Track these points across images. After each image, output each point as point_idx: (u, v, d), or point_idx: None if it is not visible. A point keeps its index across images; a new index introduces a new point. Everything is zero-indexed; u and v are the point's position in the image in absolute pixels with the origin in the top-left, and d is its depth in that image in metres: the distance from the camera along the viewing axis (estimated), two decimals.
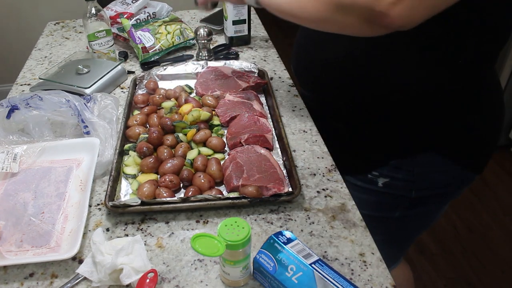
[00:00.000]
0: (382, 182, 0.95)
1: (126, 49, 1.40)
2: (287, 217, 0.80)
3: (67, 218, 0.80)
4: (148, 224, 0.80)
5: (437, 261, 1.87)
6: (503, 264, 1.85)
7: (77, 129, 0.99)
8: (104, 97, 1.05)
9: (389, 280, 0.69)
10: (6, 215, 0.80)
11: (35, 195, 0.84)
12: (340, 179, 0.89)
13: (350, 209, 0.82)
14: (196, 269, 0.71)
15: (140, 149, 0.91)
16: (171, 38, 1.35)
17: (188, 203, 0.79)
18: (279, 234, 0.67)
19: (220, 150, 0.95)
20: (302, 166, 0.92)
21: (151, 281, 0.65)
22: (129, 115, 1.04)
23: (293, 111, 1.09)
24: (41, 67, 1.34)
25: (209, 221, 0.80)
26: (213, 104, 1.08)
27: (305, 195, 0.85)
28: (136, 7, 1.47)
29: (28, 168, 0.90)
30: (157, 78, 1.21)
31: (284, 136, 0.94)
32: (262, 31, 1.53)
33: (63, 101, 0.96)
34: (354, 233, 0.77)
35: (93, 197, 0.86)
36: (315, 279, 0.61)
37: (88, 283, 0.69)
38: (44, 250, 0.74)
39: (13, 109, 0.95)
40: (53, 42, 1.49)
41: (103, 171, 0.91)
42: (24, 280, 0.71)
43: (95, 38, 1.24)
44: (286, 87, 1.19)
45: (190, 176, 0.86)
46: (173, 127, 0.96)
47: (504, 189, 2.23)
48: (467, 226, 2.03)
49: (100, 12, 1.23)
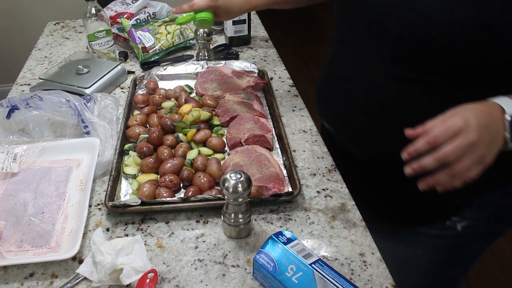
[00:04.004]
0: (462, 226, 0.85)
1: (126, 49, 1.40)
2: (287, 217, 0.80)
3: (67, 218, 0.80)
4: (148, 224, 0.80)
5: None
6: (503, 264, 1.85)
7: (77, 129, 0.99)
8: (104, 97, 1.05)
9: (389, 280, 0.69)
10: (6, 215, 0.80)
11: (35, 195, 0.84)
12: (340, 179, 0.89)
13: (350, 209, 0.82)
14: (196, 269, 0.71)
15: (140, 149, 0.91)
16: (171, 38, 1.35)
17: (188, 203, 0.79)
18: (279, 234, 0.67)
19: (220, 150, 0.95)
20: (302, 166, 0.92)
21: (151, 281, 0.65)
22: (129, 115, 1.04)
23: (293, 111, 1.09)
24: (41, 67, 1.34)
25: (209, 221, 0.80)
26: (213, 104, 1.08)
27: (305, 195, 0.85)
28: (136, 7, 1.47)
29: (28, 168, 0.90)
30: (157, 78, 1.21)
31: (284, 136, 0.94)
32: (262, 31, 1.53)
33: (63, 101, 0.96)
34: (354, 233, 0.77)
35: (93, 197, 0.86)
36: (315, 279, 0.61)
37: (88, 283, 0.69)
38: (44, 250, 0.74)
39: (13, 109, 0.95)
40: (53, 42, 1.49)
41: (103, 171, 0.91)
42: (24, 280, 0.71)
43: (95, 38, 1.24)
44: (286, 87, 1.19)
45: (190, 176, 0.86)
46: (173, 127, 0.96)
47: None
48: None
49: (100, 12, 1.23)
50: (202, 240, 0.76)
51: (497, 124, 0.63)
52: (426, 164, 0.62)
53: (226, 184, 0.68)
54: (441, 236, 0.89)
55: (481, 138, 0.61)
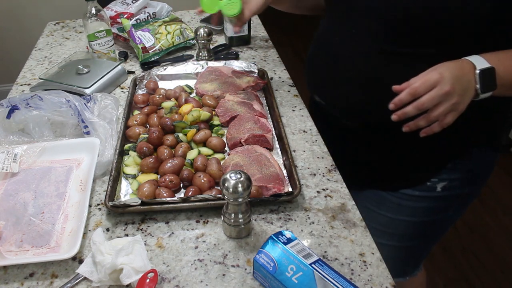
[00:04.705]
0: (441, 186, 0.95)
1: (126, 49, 1.40)
2: (287, 217, 0.80)
3: (67, 218, 0.80)
4: (148, 224, 0.80)
5: (437, 261, 1.87)
6: (503, 264, 1.85)
7: (77, 129, 0.99)
8: (104, 97, 1.05)
9: (389, 280, 0.69)
10: (6, 215, 0.80)
11: (35, 195, 0.84)
12: (340, 179, 0.89)
13: (350, 209, 0.82)
14: (196, 269, 0.71)
15: (140, 149, 0.91)
16: (171, 38, 1.35)
17: (188, 203, 0.79)
18: (279, 234, 0.67)
19: (220, 150, 0.95)
20: (302, 166, 0.92)
21: (151, 281, 0.65)
22: (129, 115, 1.04)
23: (293, 111, 1.09)
24: (41, 67, 1.34)
25: (209, 221, 0.80)
26: (213, 104, 1.08)
27: (305, 195, 0.85)
28: (136, 7, 1.47)
29: (28, 168, 0.90)
30: (157, 78, 1.21)
31: (284, 136, 0.94)
32: (262, 31, 1.53)
33: (63, 101, 0.96)
34: (354, 233, 0.77)
35: (93, 197, 0.86)
36: (315, 279, 0.61)
37: (88, 283, 0.69)
38: (44, 250, 0.74)
39: (13, 109, 0.95)
40: (53, 42, 1.49)
41: (103, 171, 0.91)
42: (24, 280, 0.71)
43: (95, 38, 1.24)
44: (286, 87, 1.19)
45: (190, 176, 0.86)
46: (173, 127, 0.96)
47: (504, 189, 2.23)
48: (467, 226, 2.03)
49: (100, 12, 1.23)
50: (202, 240, 0.76)
51: (469, 77, 0.74)
52: (407, 111, 0.74)
53: (226, 184, 0.68)
54: (423, 198, 0.97)
55: (454, 88, 0.72)
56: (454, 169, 0.94)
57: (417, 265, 1.20)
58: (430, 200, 0.98)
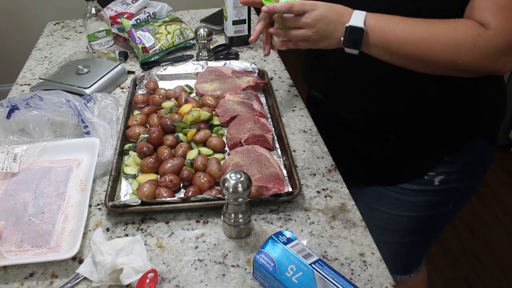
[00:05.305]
0: (438, 180, 0.96)
1: (126, 49, 1.40)
2: (287, 217, 0.80)
3: (67, 218, 0.80)
4: (148, 224, 0.80)
5: (437, 261, 1.87)
6: (503, 264, 1.85)
7: (77, 129, 0.99)
8: (104, 97, 1.05)
9: (389, 280, 0.69)
10: (6, 215, 0.80)
11: (35, 195, 0.84)
12: (340, 179, 0.89)
13: (350, 209, 0.82)
14: (196, 269, 0.71)
15: (140, 149, 0.91)
16: (171, 38, 1.35)
17: (188, 203, 0.79)
18: (279, 234, 0.67)
19: (220, 150, 0.95)
20: (302, 166, 0.92)
21: (151, 281, 0.65)
22: (129, 115, 1.04)
23: (293, 111, 1.09)
24: (41, 67, 1.34)
25: (209, 221, 0.80)
26: (213, 104, 1.08)
27: (305, 195, 0.85)
28: (136, 7, 1.47)
29: (28, 168, 0.90)
30: (157, 78, 1.21)
31: (284, 136, 0.94)
32: None
33: (63, 101, 0.96)
34: (354, 233, 0.77)
35: (93, 197, 0.86)
36: (315, 279, 0.61)
37: (88, 283, 0.69)
38: (44, 250, 0.74)
39: (13, 109, 0.95)
40: (53, 42, 1.49)
41: (103, 171, 0.91)
42: (24, 280, 0.71)
43: (95, 38, 1.24)
44: (286, 87, 1.19)
45: (190, 176, 0.86)
46: (173, 127, 0.96)
47: (504, 189, 2.23)
48: (467, 226, 2.03)
49: (100, 12, 1.23)
50: (202, 240, 0.76)
51: (336, 25, 0.79)
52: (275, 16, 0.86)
53: (226, 184, 0.68)
54: (422, 192, 0.98)
55: (315, 25, 0.80)
56: (451, 162, 0.95)
57: (419, 261, 1.20)
58: (429, 194, 0.99)
